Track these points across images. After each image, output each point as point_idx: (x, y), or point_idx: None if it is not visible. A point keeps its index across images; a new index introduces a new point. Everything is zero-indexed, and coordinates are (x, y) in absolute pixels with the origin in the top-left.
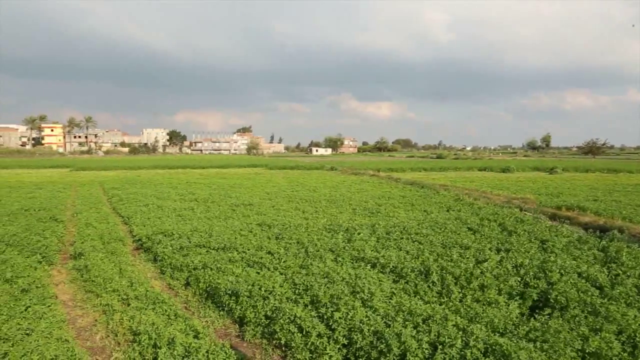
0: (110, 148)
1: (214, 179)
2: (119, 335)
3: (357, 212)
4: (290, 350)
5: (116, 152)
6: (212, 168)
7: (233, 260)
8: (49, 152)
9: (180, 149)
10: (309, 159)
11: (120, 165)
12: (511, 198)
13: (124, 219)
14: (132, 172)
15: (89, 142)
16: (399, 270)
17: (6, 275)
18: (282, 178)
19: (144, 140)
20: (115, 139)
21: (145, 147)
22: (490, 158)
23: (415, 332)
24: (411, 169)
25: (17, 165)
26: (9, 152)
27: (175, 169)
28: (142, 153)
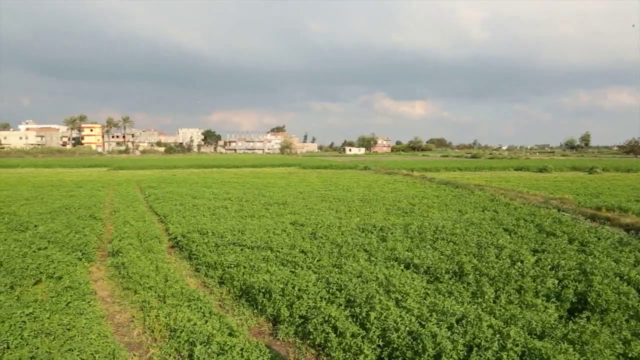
0: (146, 147)
1: (247, 178)
2: (156, 332)
3: (391, 211)
4: (325, 350)
5: (152, 151)
6: (246, 167)
7: (267, 258)
8: (88, 151)
9: (215, 148)
10: (342, 158)
11: (157, 164)
12: (548, 198)
13: (159, 217)
14: (168, 172)
15: (127, 141)
16: (432, 270)
17: (49, 271)
18: (316, 177)
19: (179, 139)
20: (152, 138)
21: (181, 146)
22: (527, 157)
23: (449, 333)
24: (445, 169)
25: (59, 165)
26: (51, 152)
27: (209, 168)
28: (178, 152)
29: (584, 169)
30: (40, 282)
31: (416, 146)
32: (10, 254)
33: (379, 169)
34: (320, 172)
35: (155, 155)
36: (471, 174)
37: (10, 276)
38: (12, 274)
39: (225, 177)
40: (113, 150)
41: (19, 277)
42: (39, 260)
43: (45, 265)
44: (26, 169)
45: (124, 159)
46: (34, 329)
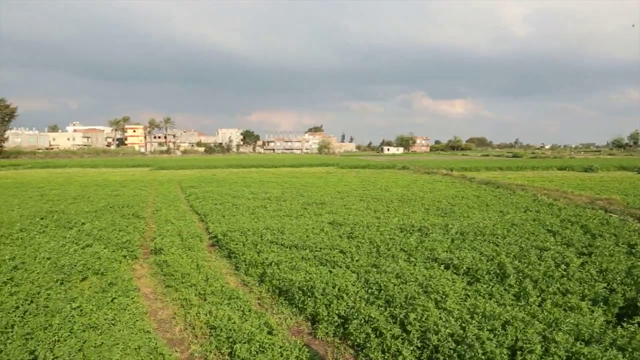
0: (187, 148)
1: (286, 178)
2: (197, 329)
3: (430, 211)
4: (363, 351)
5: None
6: (284, 167)
7: (306, 258)
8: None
9: (254, 148)
10: (381, 158)
11: (197, 164)
12: (595, 199)
13: (200, 216)
14: (208, 171)
15: (168, 142)
16: (473, 271)
17: (95, 267)
18: (354, 177)
19: (219, 140)
20: (192, 139)
21: (220, 146)
22: (571, 157)
23: (492, 336)
24: (486, 168)
25: (103, 165)
26: (96, 152)
27: (248, 168)
28: (217, 152)
29: (633, 168)
30: (87, 278)
31: (455, 145)
32: (59, 251)
33: (417, 168)
34: (358, 171)
35: (196, 155)
36: (512, 174)
37: (59, 272)
38: (61, 270)
39: (263, 177)
40: (155, 151)
41: (67, 273)
42: (86, 257)
43: (91, 262)
44: (73, 169)
45: (166, 159)
46: (82, 323)
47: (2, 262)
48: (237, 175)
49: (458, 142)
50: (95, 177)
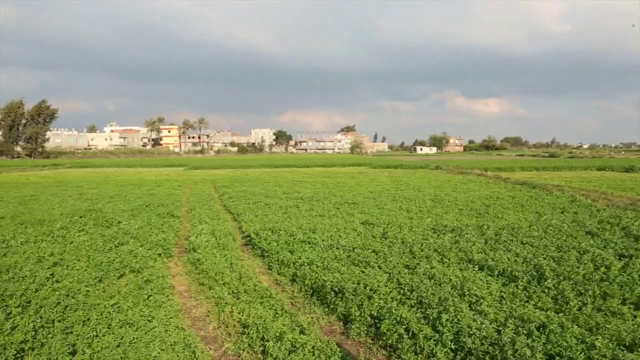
0: (220, 148)
1: (318, 178)
2: (230, 327)
3: (464, 212)
4: (396, 352)
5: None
6: (316, 167)
7: (338, 257)
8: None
9: (286, 148)
10: (413, 157)
11: (230, 164)
12: (636, 200)
13: (233, 216)
14: (241, 171)
15: (202, 142)
16: (508, 273)
17: (131, 265)
18: (386, 177)
19: (251, 140)
20: (225, 139)
21: (253, 146)
22: (611, 156)
23: (529, 341)
24: (521, 168)
25: (139, 164)
26: (132, 152)
27: (281, 167)
28: (250, 152)
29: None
30: (124, 275)
31: (490, 145)
32: (97, 249)
33: (450, 168)
34: (390, 171)
35: (229, 155)
36: (549, 174)
37: (97, 269)
38: (99, 267)
39: (296, 177)
40: (189, 151)
41: (105, 270)
42: (123, 255)
43: (128, 259)
44: (110, 169)
45: (199, 158)
46: (120, 319)
47: (44, 258)
48: (269, 175)
49: (492, 142)
50: (131, 176)
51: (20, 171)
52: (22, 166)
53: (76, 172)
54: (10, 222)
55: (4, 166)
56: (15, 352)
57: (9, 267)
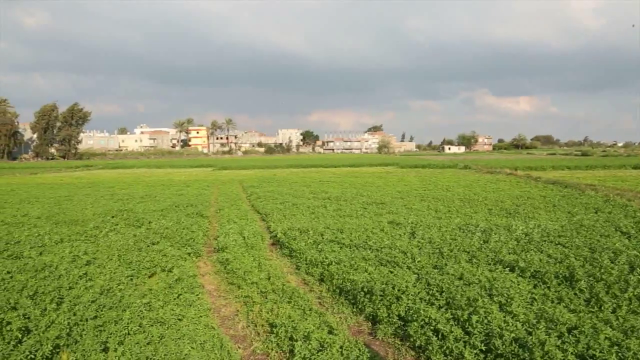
0: (248, 148)
1: (345, 178)
2: (258, 326)
3: (493, 212)
4: (425, 353)
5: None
6: (343, 167)
7: (366, 257)
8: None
9: (313, 148)
10: (441, 157)
11: (258, 164)
12: None
13: (261, 216)
14: (268, 171)
15: (230, 142)
16: (540, 274)
17: (162, 264)
18: (414, 177)
19: (279, 140)
20: (253, 139)
21: (280, 147)
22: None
23: (559, 342)
24: (552, 167)
25: (169, 165)
26: (162, 153)
27: (308, 168)
28: (277, 152)
29: None
30: (154, 274)
31: (520, 144)
32: (128, 248)
33: (480, 167)
34: (418, 171)
35: (256, 156)
36: (582, 173)
37: (129, 268)
38: (130, 266)
39: (323, 177)
40: (217, 151)
41: (136, 269)
42: (153, 255)
43: (158, 259)
44: (141, 170)
45: (228, 159)
46: (151, 318)
47: (78, 257)
48: (297, 175)
49: (522, 141)
50: (161, 177)
51: (55, 172)
52: (57, 167)
53: (108, 173)
54: (46, 222)
55: (40, 167)
56: (52, 347)
57: (44, 266)
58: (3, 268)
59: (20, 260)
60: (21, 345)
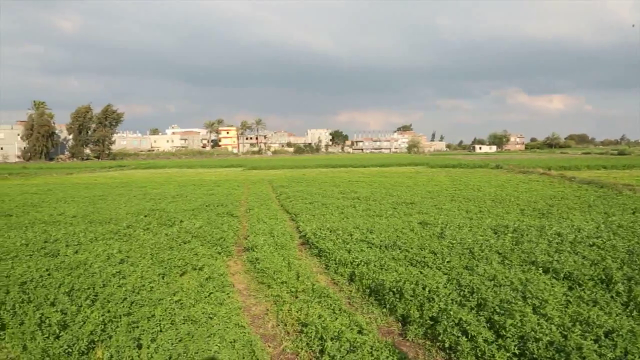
0: (277, 148)
1: (374, 178)
2: (288, 325)
3: (526, 212)
4: (455, 354)
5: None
6: (372, 167)
7: (395, 258)
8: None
9: (342, 148)
10: (472, 156)
11: (287, 164)
12: None
13: (290, 216)
14: (298, 171)
15: (259, 142)
16: (575, 276)
17: (193, 263)
18: (444, 177)
19: (308, 140)
20: (282, 139)
21: (309, 146)
22: None
23: (596, 347)
24: (587, 167)
25: (199, 165)
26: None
27: (337, 167)
28: (307, 153)
29: None
30: (186, 273)
31: (553, 143)
32: (160, 247)
33: (511, 167)
34: (448, 171)
35: (286, 156)
36: (618, 173)
37: (161, 266)
38: (162, 264)
39: (352, 177)
40: (247, 151)
41: (168, 267)
42: (184, 253)
43: (189, 257)
44: (172, 169)
45: (257, 159)
46: (182, 316)
47: (112, 255)
48: (326, 175)
49: (556, 140)
50: (191, 177)
51: (90, 172)
52: (91, 167)
53: (140, 173)
54: (82, 221)
55: (75, 168)
56: (87, 343)
57: (80, 264)
58: (41, 266)
59: (57, 258)
60: (59, 340)
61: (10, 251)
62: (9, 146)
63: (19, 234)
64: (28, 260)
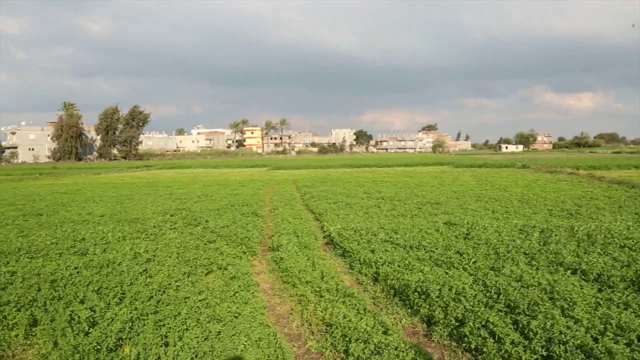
0: (301, 148)
1: (399, 178)
2: (313, 325)
3: (553, 213)
4: (482, 356)
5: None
6: (397, 167)
7: (420, 258)
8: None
9: (366, 148)
10: (498, 156)
11: (311, 164)
12: None
13: (315, 215)
14: (322, 171)
15: (283, 142)
16: (605, 278)
17: (218, 262)
18: (470, 176)
19: (332, 140)
20: (306, 139)
21: (334, 146)
22: None
23: (629, 351)
24: (618, 167)
25: (224, 165)
26: (218, 153)
27: (361, 167)
28: (331, 152)
29: None
30: (211, 272)
31: (582, 142)
32: (186, 246)
33: (539, 167)
34: (474, 170)
35: (310, 156)
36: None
37: (186, 265)
38: (188, 263)
39: (377, 177)
40: (271, 151)
41: (193, 266)
42: (210, 253)
43: (214, 257)
44: (197, 169)
45: (281, 159)
46: (208, 314)
47: (139, 254)
48: (350, 175)
49: (585, 139)
50: (216, 177)
51: (117, 172)
52: (119, 167)
53: (166, 173)
54: (109, 220)
55: (103, 168)
56: (115, 340)
57: (108, 262)
58: (71, 264)
59: (85, 256)
60: (88, 336)
61: (41, 249)
62: (40, 147)
63: (49, 233)
64: (58, 258)
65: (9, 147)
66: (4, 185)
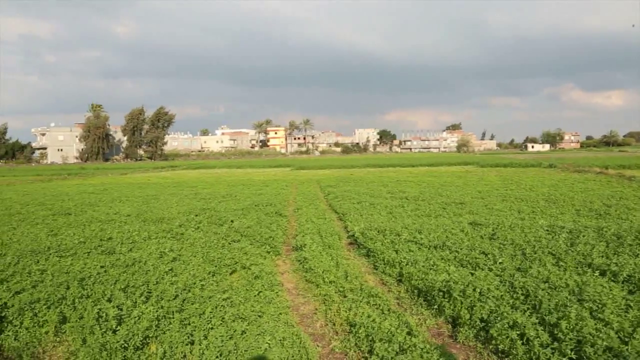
0: (325, 148)
1: (423, 177)
2: (337, 325)
3: (581, 213)
4: (509, 358)
5: (330, 151)
6: (421, 166)
7: (445, 258)
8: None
9: (390, 147)
10: (524, 155)
11: (335, 164)
12: None
13: (338, 215)
14: (345, 171)
15: (307, 142)
16: (635, 280)
17: (242, 262)
18: (495, 176)
19: (355, 140)
20: (330, 139)
21: (357, 146)
22: None
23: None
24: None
25: (248, 165)
26: (241, 154)
27: (385, 167)
28: (354, 152)
29: None
30: (235, 271)
31: (611, 141)
32: (210, 246)
33: (566, 166)
34: (499, 170)
35: (334, 155)
36: None
37: (211, 265)
38: (212, 263)
39: (401, 176)
40: (295, 151)
41: (218, 266)
42: (234, 252)
43: (239, 256)
44: (222, 170)
45: (305, 159)
46: (232, 313)
47: (164, 254)
48: (374, 174)
49: (614, 137)
50: (240, 177)
51: (143, 172)
52: (144, 168)
53: (191, 173)
54: (135, 220)
55: (129, 168)
56: (142, 338)
57: (134, 261)
58: (98, 263)
59: (112, 255)
60: (116, 334)
61: (70, 248)
62: (68, 147)
63: (77, 232)
64: (86, 257)
65: (38, 148)
66: (35, 185)
